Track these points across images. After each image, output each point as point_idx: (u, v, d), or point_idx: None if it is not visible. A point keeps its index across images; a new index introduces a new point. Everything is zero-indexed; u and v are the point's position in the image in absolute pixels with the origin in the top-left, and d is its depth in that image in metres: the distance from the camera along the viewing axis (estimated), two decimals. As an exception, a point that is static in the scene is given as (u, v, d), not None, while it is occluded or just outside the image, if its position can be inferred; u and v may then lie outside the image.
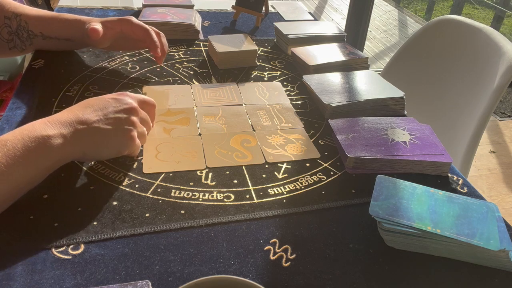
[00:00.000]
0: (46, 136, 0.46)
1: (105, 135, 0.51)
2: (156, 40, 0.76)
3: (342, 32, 0.98)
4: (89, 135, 0.50)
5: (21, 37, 0.74)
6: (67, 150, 0.48)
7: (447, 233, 0.46)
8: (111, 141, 0.52)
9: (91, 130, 0.50)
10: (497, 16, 3.52)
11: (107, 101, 0.53)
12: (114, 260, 0.43)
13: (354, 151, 0.60)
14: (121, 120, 0.52)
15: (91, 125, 0.50)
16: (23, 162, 0.44)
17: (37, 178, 0.48)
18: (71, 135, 0.48)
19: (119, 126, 0.52)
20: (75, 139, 0.48)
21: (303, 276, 0.44)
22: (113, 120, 0.52)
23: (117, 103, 0.53)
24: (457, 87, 1.07)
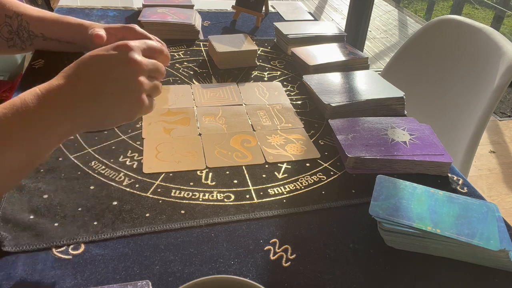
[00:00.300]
0: (39, 114, 0.40)
1: (108, 105, 0.44)
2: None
3: (342, 32, 0.98)
4: (89, 106, 0.43)
5: (21, 36, 0.74)
6: (65, 128, 0.42)
7: (447, 233, 0.46)
8: (116, 110, 0.44)
9: (92, 100, 0.43)
10: (497, 16, 3.52)
11: (106, 59, 0.44)
12: (114, 260, 0.43)
13: (354, 151, 0.60)
14: (125, 83, 0.44)
15: (90, 95, 0.42)
16: (12, 144, 0.39)
17: (33, 161, 0.42)
18: (68, 109, 0.42)
19: (123, 90, 0.44)
20: (73, 113, 0.42)
21: (303, 276, 0.44)
22: (115, 84, 0.43)
23: (117, 61, 0.44)
24: (457, 87, 1.07)
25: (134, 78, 0.44)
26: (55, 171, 0.54)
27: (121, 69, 0.44)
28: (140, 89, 0.45)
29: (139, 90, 0.45)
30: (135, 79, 0.44)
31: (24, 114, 0.40)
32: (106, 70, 0.43)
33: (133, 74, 0.44)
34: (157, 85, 0.48)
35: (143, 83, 0.45)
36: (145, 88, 0.45)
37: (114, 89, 0.43)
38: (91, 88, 0.42)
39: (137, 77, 0.44)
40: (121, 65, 0.44)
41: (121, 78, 0.44)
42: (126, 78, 0.44)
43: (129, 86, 0.44)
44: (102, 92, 0.43)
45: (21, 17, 0.73)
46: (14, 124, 0.39)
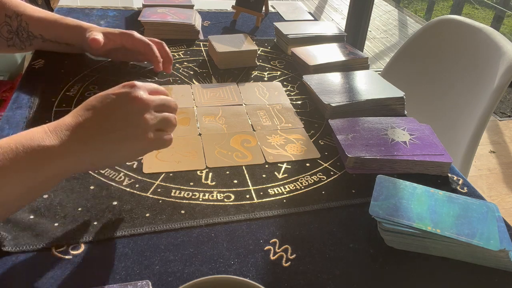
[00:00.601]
0: (45, 147, 0.40)
1: (114, 142, 0.44)
2: (158, 55, 0.76)
3: (342, 32, 0.98)
4: (95, 143, 0.43)
5: (20, 37, 0.74)
6: (70, 162, 0.42)
7: (447, 233, 0.46)
8: (123, 147, 0.44)
9: (97, 137, 0.43)
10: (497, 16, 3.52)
11: (111, 98, 0.45)
12: (114, 260, 0.43)
13: (354, 151, 0.60)
14: (130, 121, 0.44)
15: (96, 132, 0.43)
16: (12, 175, 0.38)
17: (31, 194, 0.42)
18: (74, 145, 0.42)
19: (129, 128, 0.44)
20: (79, 149, 0.42)
21: (303, 276, 0.44)
22: (121, 122, 0.44)
23: (122, 99, 0.45)
24: (457, 87, 1.07)
25: (139, 115, 0.45)
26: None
27: (126, 107, 0.44)
28: (146, 126, 0.45)
29: (144, 128, 0.45)
30: (140, 117, 0.45)
31: (30, 147, 0.40)
32: (111, 108, 0.44)
33: (138, 112, 0.45)
34: (167, 118, 0.48)
35: (149, 120, 0.45)
36: (151, 124, 0.46)
37: (120, 127, 0.44)
38: (97, 126, 0.43)
39: (142, 115, 0.45)
40: (126, 103, 0.45)
41: (127, 116, 0.44)
42: (131, 115, 0.44)
43: (135, 123, 0.45)
44: (108, 130, 0.43)
45: (20, 17, 0.73)
46: (19, 156, 0.39)
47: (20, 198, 0.41)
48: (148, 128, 0.45)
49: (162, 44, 0.79)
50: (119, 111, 0.44)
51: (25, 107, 0.65)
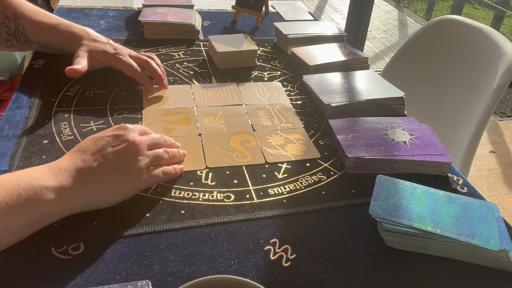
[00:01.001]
0: (43, 186, 0.43)
1: (108, 183, 0.47)
2: (147, 79, 0.73)
3: (342, 32, 0.98)
4: (90, 184, 0.46)
5: (19, 40, 0.74)
6: (65, 201, 0.44)
7: (447, 233, 0.46)
8: (116, 188, 0.48)
9: (92, 179, 0.46)
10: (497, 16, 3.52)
11: (106, 140, 0.48)
12: (114, 260, 0.43)
13: (354, 151, 0.60)
14: (123, 162, 0.48)
15: (91, 174, 0.46)
16: (11, 211, 0.41)
17: (24, 231, 0.43)
18: (70, 186, 0.44)
19: (122, 169, 0.48)
20: (74, 190, 0.45)
21: (303, 276, 0.44)
22: (114, 163, 0.47)
23: (115, 141, 0.49)
24: (457, 87, 1.07)
25: (132, 157, 0.49)
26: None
27: (120, 149, 0.48)
28: (139, 167, 0.49)
29: (137, 168, 0.49)
30: (134, 158, 0.49)
31: (30, 185, 0.42)
32: (105, 150, 0.48)
33: (131, 153, 0.49)
34: (158, 155, 0.52)
35: (141, 160, 0.50)
36: (144, 164, 0.50)
37: (114, 169, 0.47)
38: (92, 168, 0.46)
39: (136, 156, 0.49)
40: (119, 145, 0.48)
41: (120, 158, 0.48)
42: (125, 157, 0.48)
43: (128, 165, 0.49)
44: (103, 172, 0.47)
45: (18, 20, 0.72)
46: (19, 192, 0.41)
47: (13, 233, 0.42)
48: (141, 168, 0.50)
49: (149, 63, 0.74)
50: (113, 153, 0.48)
51: (25, 107, 0.65)
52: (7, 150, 0.56)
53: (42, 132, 0.60)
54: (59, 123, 0.63)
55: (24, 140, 0.58)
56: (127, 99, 0.71)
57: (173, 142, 0.58)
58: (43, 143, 0.58)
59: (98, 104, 0.69)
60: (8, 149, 0.56)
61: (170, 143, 0.57)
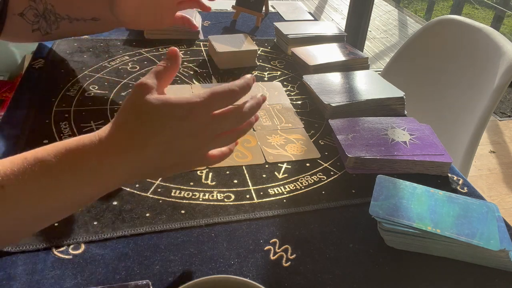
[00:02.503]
0: (96, 162, 0.37)
1: (172, 159, 0.40)
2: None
3: (342, 32, 0.98)
4: (151, 158, 0.39)
5: (48, 20, 0.73)
6: (119, 172, 0.39)
7: (447, 233, 0.46)
8: (179, 163, 0.41)
9: (154, 155, 0.39)
10: (497, 16, 3.52)
11: (181, 128, 0.39)
12: (115, 260, 0.43)
13: (354, 151, 0.60)
14: (190, 149, 0.40)
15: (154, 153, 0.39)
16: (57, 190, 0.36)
17: (73, 207, 0.39)
18: (127, 155, 0.38)
19: (188, 154, 0.41)
20: (130, 160, 0.38)
21: (303, 276, 0.44)
22: (183, 149, 0.40)
23: (191, 131, 0.40)
24: (457, 87, 1.07)
25: (201, 148, 0.41)
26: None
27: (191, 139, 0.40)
28: (206, 148, 0.42)
29: (204, 150, 0.42)
30: (202, 149, 0.42)
31: (79, 163, 0.37)
32: (180, 135, 0.39)
33: (201, 146, 0.41)
34: (229, 138, 0.44)
35: (209, 146, 0.42)
36: (210, 147, 0.43)
37: (180, 152, 0.40)
38: (152, 141, 0.39)
39: (204, 148, 0.42)
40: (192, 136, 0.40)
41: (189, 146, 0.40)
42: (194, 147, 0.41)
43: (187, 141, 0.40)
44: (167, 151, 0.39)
45: (45, 0, 0.72)
46: (65, 171, 0.37)
47: (59, 211, 0.38)
48: (207, 151, 0.43)
49: None
50: (185, 141, 0.40)
51: (25, 107, 0.65)
52: (7, 150, 0.56)
53: (42, 132, 0.60)
54: (59, 123, 0.63)
55: (24, 140, 0.58)
56: (127, 99, 0.71)
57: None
58: (43, 143, 0.58)
59: (98, 104, 0.69)
60: (8, 149, 0.56)
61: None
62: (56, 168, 0.36)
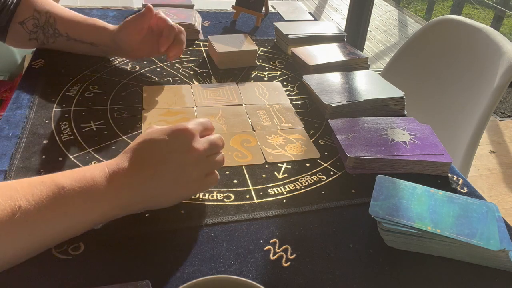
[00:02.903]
0: (107, 192, 0.43)
1: (168, 187, 0.46)
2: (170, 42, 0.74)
3: (342, 32, 0.98)
4: (150, 188, 0.45)
5: (46, 32, 0.76)
6: (124, 203, 0.45)
7: (447, 233, 0.46)
8: (176, 192, 0.48)
9: (153, 183, 0.45)
10: (497, 16, 3.52)
11: (166, 145, 0.46)
12: (114, 260, 0.43)
13: (354, 151, 0.60)
14: (184, 169, 0.46)
15: (152, 178, 0.45)
16: (69, 213, 0.41)
17: (78, 232, 0.44)
18: (132, 189, 0.44)
19: (183, 175, 0.47)
20: (135, 193, 0.45)
21: (303, 276, 0.44)
22: (175, 169, 0.46)
23: (178, 148, 0.47)
24: (457, 87, 1.07)
25: (194, 165, 0.47)
26: (55, 171, 0.54)
27: (182, 156, 0.46)
28: (198, 176, 0.48)
29: (198, 174, 0.48)
30: (195, 166, 0.47)
31: (92, 189, 0.43)
32: (167, 155, 0.46)
33: (193, 162, 0.47)
34: (217, 161, 0.50)
35: (202, 170, 0.48)
36: (202, 173, 0.48)
37: (174, 175, 0.46)
38: (152, 172, 0.45)
39: (197, 165, 0.47)
40: (182, 153, 0.46)
41: (182, 164, 0.46)
42: (186, 164, 0.46)
43: (189, 171, 0.47)
44: (162, 177, 0.45)
45: (49, 13, 0.75)
46: (78, 196, 0.42)
47: (67, 235, 0.43)
48: (200, 177, 0.48)
49: (180, 31, 0.75)
50: (175, 160, 0.46)
51: (25, 107, 0.65)
52: (7, 150, 0.56)
53: (42, 132, 0.60)
54: (59, 123, 0.63)
55: (24, 140, 0.58)
56: (127, 99, 0.71)
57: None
58: (43, 143, 0.58)
59: (98, 104, 0.69)
60: (8, 149, 0.56)
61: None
62: (70, 193, 0.41)
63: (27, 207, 0.39)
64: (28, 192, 0.40)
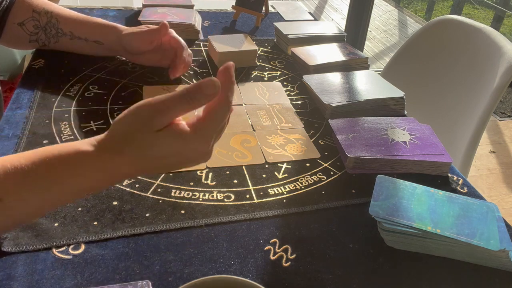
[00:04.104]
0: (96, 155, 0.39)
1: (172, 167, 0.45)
2: (183, 61, 0.75)
3: (342, 32, 0.98)
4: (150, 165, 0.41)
5: (48, 33, 0.75)
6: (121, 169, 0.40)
7: (447, 233, 0.46)
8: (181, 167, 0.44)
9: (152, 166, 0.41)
10: (497, 16, 3.52)
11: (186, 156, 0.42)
12: (115, 260, 0.43)
13: (354, 151, 0.60)
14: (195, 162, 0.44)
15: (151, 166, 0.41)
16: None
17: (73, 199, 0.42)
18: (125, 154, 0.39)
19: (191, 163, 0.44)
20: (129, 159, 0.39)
21: (303, 276, 0.44)
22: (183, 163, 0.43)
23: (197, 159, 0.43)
24: (457, 87, 1.07)
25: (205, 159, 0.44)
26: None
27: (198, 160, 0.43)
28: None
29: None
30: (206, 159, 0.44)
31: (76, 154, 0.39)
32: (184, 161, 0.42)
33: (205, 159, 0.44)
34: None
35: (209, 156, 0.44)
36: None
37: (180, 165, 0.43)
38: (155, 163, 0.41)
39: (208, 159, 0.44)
40: (198, 160, 0.43)
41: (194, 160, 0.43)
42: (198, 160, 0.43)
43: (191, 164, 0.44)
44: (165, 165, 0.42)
45: (51, 14, 0.74)
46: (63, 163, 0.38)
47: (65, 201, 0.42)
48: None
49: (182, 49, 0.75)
50: (191, 162, 0.43)
51: (25, 107, 0.65)
52: (7, 150, 0.56)
53: (42, 132, 0.60)
54: (59, 123, 0.63)
55: (24, 140, 0.58)
56: (127, 99, 0.71)
57: None
58: (43, 143, 0.58)
59: (98, 104, 0.69)
60: (8, 149, 0.56)
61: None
62: (54, 162, 0.38)
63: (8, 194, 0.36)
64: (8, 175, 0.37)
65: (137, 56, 0.78)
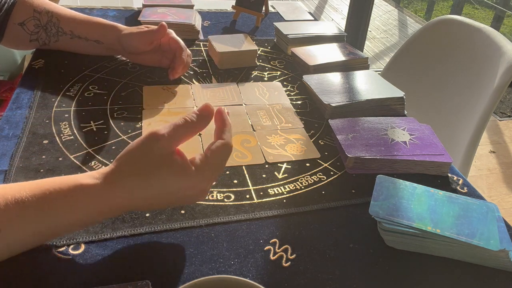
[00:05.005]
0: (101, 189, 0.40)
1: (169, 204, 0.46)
2: (183, 63, 0.75)
3: (342, 32, 0.98)
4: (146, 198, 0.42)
5: (48, 32, 0.75)
6: (120, 202, 0.41)
7: (447, 233, 0.46)
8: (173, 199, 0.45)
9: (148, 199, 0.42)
10: (497, 16, 3.52)
11: (186, 193, 0.44)
12: (114, 260, 0.43)
13: (354, 151, 0.60)
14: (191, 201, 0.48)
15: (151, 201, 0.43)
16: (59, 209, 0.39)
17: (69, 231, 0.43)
18: (126, 190, 0.41)
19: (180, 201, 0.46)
20: (127, 191, 0.41)
21: (303, 276, 0.44)
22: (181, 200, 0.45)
23: (197, 198, 0.47)
24: (457, 87, 1.07)
25: (202, 197, 0.46)
26: (55, 171, 0.54)
27: (197, 197, 0.46)
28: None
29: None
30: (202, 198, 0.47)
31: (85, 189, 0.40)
32: (182, 197, 0.44)
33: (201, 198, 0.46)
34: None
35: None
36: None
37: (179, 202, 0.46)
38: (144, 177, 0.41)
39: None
40: (197, 197, 0.46)
41: (192, 196, 0.46)
42: (197, 197, 0.46)
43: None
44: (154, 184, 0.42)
45: (51, 13, 0.75)
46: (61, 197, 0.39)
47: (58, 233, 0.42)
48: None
49: (181, 51, 0.76)
50: (187, 199, 0.46)
51: (25, 107, 0.65)
52: (7, 150, 0.56)
53: (42, 132, 0.60)
54: (59, 123, 0.63)
55: (24, 140, 0.58)
56: (127, 99, 0.71)
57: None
58: (43, 143, 0.58)
59: (98, 104, 0.69)
60: (8, 149, 0.56)
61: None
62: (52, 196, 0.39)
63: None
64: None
65: (137, 56, 0.79)
